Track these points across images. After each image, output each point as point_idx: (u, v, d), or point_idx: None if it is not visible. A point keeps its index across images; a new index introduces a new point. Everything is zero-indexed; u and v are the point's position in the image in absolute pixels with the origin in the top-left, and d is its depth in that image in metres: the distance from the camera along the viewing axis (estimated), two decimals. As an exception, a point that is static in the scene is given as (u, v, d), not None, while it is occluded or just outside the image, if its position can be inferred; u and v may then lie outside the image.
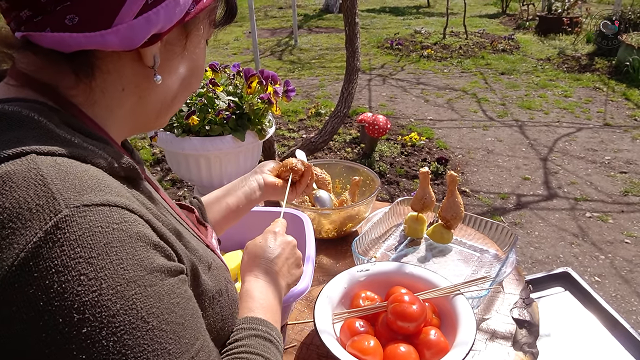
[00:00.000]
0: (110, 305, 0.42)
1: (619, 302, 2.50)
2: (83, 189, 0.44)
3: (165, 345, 0.45)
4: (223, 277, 0.65)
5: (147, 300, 0.44)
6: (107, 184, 0.47)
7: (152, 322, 0.44)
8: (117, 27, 0.49)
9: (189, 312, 0.49)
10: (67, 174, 0.44)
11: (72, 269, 0.41)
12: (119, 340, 0.42)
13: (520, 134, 4.55)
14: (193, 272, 0.56)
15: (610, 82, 5.83)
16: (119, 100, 0.56)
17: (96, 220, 0.43)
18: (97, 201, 0.44)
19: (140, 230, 0.46)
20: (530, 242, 3.02)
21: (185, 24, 0.56)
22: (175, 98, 0.62)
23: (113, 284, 0.42)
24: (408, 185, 3.60)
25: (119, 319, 0.42)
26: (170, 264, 0.49)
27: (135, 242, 0.45)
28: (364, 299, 1.07)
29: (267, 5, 12.10)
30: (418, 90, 5.81)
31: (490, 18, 9.94)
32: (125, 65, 0.54)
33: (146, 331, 0.43)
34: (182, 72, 0.60)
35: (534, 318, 1.09)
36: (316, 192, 1.43)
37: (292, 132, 4.54)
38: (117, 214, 0.45)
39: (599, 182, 3.69)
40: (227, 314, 0.64)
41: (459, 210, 1.31)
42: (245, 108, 1.31)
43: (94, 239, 0.42)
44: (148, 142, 4.38)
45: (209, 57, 7.28)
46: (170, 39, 0.56)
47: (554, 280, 1.43)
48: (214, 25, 0.63)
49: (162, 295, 0.46)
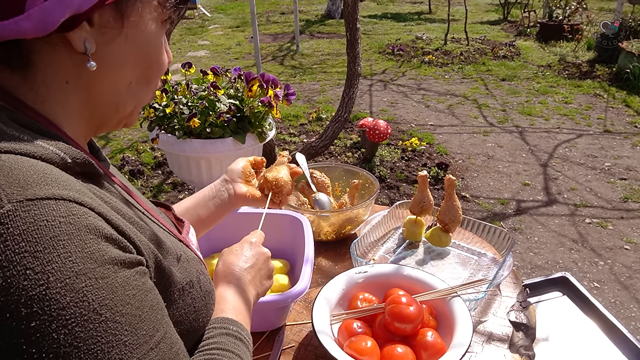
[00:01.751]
0: (60, 298, 0.41)
1: (617, 308, 2.50)
2: (27, 183, 0.43)
3: (120, 337, 0.44)
4: (195, 269, 0.65)
5: (98, 292, 0.43)
6: (55, 177, 0.46)
7: (105, 314, 0.43)
8: (29, 12, 0.48)
9: (146, 304, 0.49)
10: (12, 169, 0.44)
11: (17, 264, 0.40)
12: (70, 332, 0.41)
13: (521, 140, 4.56)
14: (156, 264, 0.55)
15: (610, 89, 5.84)
16: (67, 94, 0.55)
17: (41, 214, 0.42)
18: (42, 195, 0.43)
19: (90, 223, 0.45)
20: (530, 247, 3.02)
21: (117, 4, 0.53)
22: (130, 85, 0.59)
23: (61, 277, 0.41)
24: (408, 190, 3.61)
25: (69, 312, 0.41)
26: (126, 255, 0.48)
27: (84, 235, 0.44)
28: (362, 301, 1.07)
29: (269, 10, 12.16)
30: (419, 95, 5.83)
31: (492, 25, 9.98)
32: (60, 56, 0.53)
33: (99, 323, 0.43)
34: (128, 57, 0.57)
35: (530, 321, 1.10)
36: (315, 195, 1.44)
37: (293, 137, 4.56)
38: (64, 207, 0.44)
39: (599, 188, 3.70)
40: (199, 305, 0.64)
41: (457, 214, 1.32)
42: (246, 111, 1.32)
43: (39, 233, 0.41)
44: (149, 145, 4.40)
45: (210, 61, 7.31)
46: (102, 22, 0.53)
47: (552, 284, 1.44)
48: (162, 5, 0.59)
49: (116, 287, 0.45)
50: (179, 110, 1.32)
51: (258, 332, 1.07)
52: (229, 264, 0.79)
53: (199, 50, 8.26)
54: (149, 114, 1.33)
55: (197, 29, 10.03)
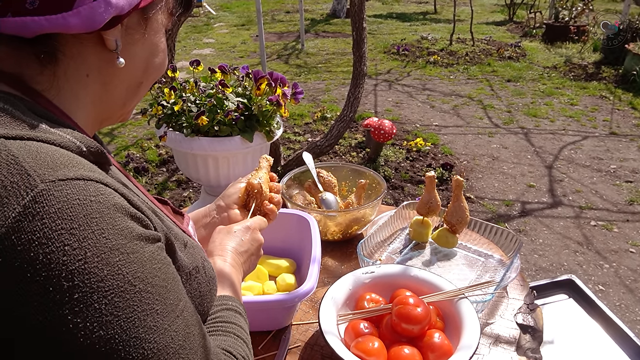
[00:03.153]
0: (98, 272, 0.43)
1: (623, 312, 2.49)
2: (56, 165, 0.45)
3: (152, 306, 0.47)
4: (199, 255, 0.68)
5: (131, 265, 0.46)
6: (79, 161, 0.48)
7: (138, 285, 0.46)
8: (78, 9, 0.50)
9: (170, 276, 0.52)
10: (38, 153, 0.46)
11: (55, 240, 0.42)
12: (110, 302, 0.44)
13: (526, 142, 4.55)
14: (168, 246, 0.58)
15: (616, 91, 5.82)
16: (84, 87, 0.57)
17: (73, 193, 0.44)
18: (72, 175, 0.45)
19: (117, 202, 0.47)
20: (535, 249, 3.01)
21: (144, 9, 0.58)
22: (140, 85, 0.64)
23: (97, 252, 0.44)
24: (413, 190, 3.61)
25: (107, 284, 0.44)
26: (149, 232, 0.51)
27: (113, 213, 0.46)
28: (369, 301, 1.07)
29: (274, 9, 12.16)
30: (424, 96, 5.82)
31: (497, 25, 9.95)
32: (88, 50, 0.55)
33: (134, 293, 0.46)
34: (143, 58, 0.62)
35: (537, 323, 1.09)
36: (322, 195, 1.44)
37: (297, 136, 4.56)
38: (93, 187, 0.46)
39: (604, 190, 3.68)
40: (205, 290, 0.67)
41: (464, 215, 1.32)
42: (254, 109, 1.32)
43: (73, 211, 0.43)
44: (154, 142, 4.40)
45: (215, 59, 7.32)
46: (130, 24, 0.57)
47: (558, 287, 1.43)
48: (171, 13, 0.64)
49: (144, 261, 0.48)
50: (187, 108, 1.32)
51: (264, 332, 1.07)
52: (225, 243, 0.82)
53: (204, 48, 8.26)
54: (157, 111, 1.33)
55: (202, 27, 10.04)
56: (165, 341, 0.48)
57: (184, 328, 0.51)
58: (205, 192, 1.52)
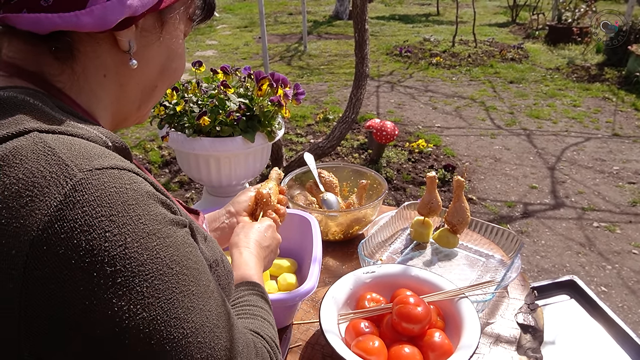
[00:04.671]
0: (137, 257, 0.45)
1: (625, 313, 2.48)
2: (91, 155, 0.47)
3: (189, 287, 0.49)
4: (218, 249, 0.70)
5: (167, 249, 0.48)
6: (110, 152, 0.50)
7: (175, 267, 0.48)
8: (91, 7, 0.51)
9: (200, 259, 0.53)
10: (72, 144, 0.47)
11: (96, 227, 0.43)
12: (151, 285, 0.45)
13: (528, 143, 4.54)
14: (191, 234, 0.59)
15: (619, 93, 5.81)
16: (103, 87, 0.59)
17: (110, 182, 0.46)
18: (107, 165, 0.47)
19: (149, 190, 0.49)
20: (537, 250, 3.01)
21: (161, 12, 0.59)
22: (155, 88, 0.65)
23: (136, 237, 0.45)
24: (415, 191, 3.61)
25: (147, 267, 0.45)
26: (178, 217, 0.53)
27: (147, 200, 0.48)
28: (370, 301, 1.07)
29: (277, 11, 12.18)
30: (426, 97, 5.82)
31: (500, 27, 9.94)
32: (103, 50, 0.56)
33: (172, 276, 0.48)
34: (159, 61, 0.63)
35: (538, 323, 1.10)
36: (323, 195, 1.44)
37: (300, 137, 4.57)
38: (127, 176, 0.48)
39: (607, 192, 3.68)
40: (224, 283, 0.68)
41: (465, 215, 1.32)
42: (256, 110, 1.33)
43: (112, 199, 0.45)
44: (157, 144, 4.42)
45: (218, 61, 7.34)
46: (145, 26, 0.58)
47: (559, 288, 1.43)
48: (191, 19, 0.65)
49: (178, 245, 0.50)
50: (189, 109, 1.33)
51: (265, 331, 1.07)
52: (250, 236, 0.87)
53: (207, 49, 8.29)
54: (159, 111, 1.34)
55: (205, 29, 10.07)
56: (201, 320, 0.50)
57: (216, 308, 0.53)
58: (207, 193, 1.53)
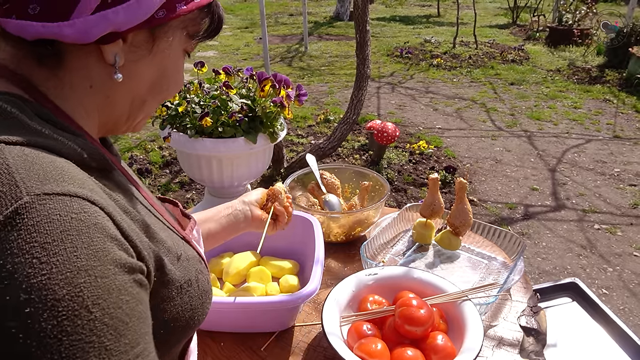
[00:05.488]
0: (57, 290, 0.42)
1: (627, 316, 2.48)
2: (46, 178, 0.46)
3: (103, 340, 0.44)
4: (194, 268, 0.67)
5: (95, 290, 0.44)
6: (72, 175, 0.48)
7: (95, 312, 0.44)
8: (74, 20, 0.51)
9: (135, 314, 0.48)
10: (33, 164, 0.46)
11: (25, 252, 0.42)
12: (58, 324, 0.42)
13: (529, 145, 4.54)
14: (157, 264, 0.57)
15: (620, 95, 5.81)
16: (89, 97, 0.59)
17: (55, 209, 0.44)
18: (59, 190, 0.46)
19: (99, 222, 0.47)
20: (538, 252, 3.01)
21: (153, 29, 0.58)
22: (145, 103, 0.64)
23: (63, 270, 0.43)
24: (416, 193, 3.61)
25: (62, 304, 0.42)
26: (128, 259, 0.49)
27: (92, 233, 0.46)
28: (372, 303, 1.07)
29: (277, 11, 12.19)
30: (427, 98, 5.82)
31: (501, 28, 9.95)
32: (91, 62, 0.57)
33: (87, 320, 0.43)
34: (149, 77, 0.62)
35: (541, 326, 1.09)
36: (325, 196, 1.44)
37: (301, 138, 4.56)
38: (77, 204, 0.46)
39: (608, 194, 3.67)
40: (196, 304, 0.66)
41: (467, 217, 1.32)
42: (258, 111, 1.32)
43: (51, 226, 0.44)
44: (157, 144, 4.42)
45: (219, 62, 7.34)
46: (136, 42, 0.58)
47: (561, 290, 1.43)
48: (192, 37, 0.64)
49: (112, 289, 0.46)
50: (192, 109, 1.32)
51: (267, 332, 1.07)
52: None
53: (207, 50, 8.29)
54: (161, 112, 1.33)
55: (206, 30, 10.06)
56: None
57: None
58: (208, 194, 1.52)
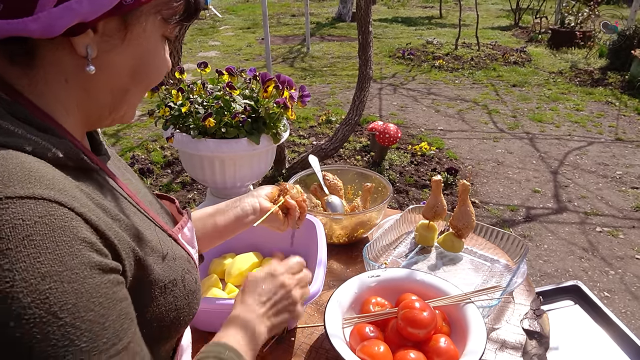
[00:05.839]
0: (22, 298, 0.41)
1: (628, 319, 2.47)
2: (10, 181, 0.44)
3: (77, 342, 0.44)
4: (180, 267, 0.66)
5: (62, 296, 0.43)
6: (40, 176, 0.46)
7: (65, 318, 0.43)
8: (38, 14, 0.50)
9: (114, 313, 0.48)
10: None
11: None
12: (27, 332, 0.41)
13: (531, 147, 4.53)
14: (137, 261, 0.56)
15: (622, 97, 5.80)
16: (65, 92, 0.57)
17: (17, 213, 0.43)
18: (22, 194, 0.44)
19: (66, 225, 0.45)
20: (539, 255, 3.00)
21: (124, 16, 0.55)
22: (128, 92, 0.62)
23: (27, 277, 0.41)
24: (417, 194, 3.60)
25: (29, 312, 0.41)
26: (101, 260, 0.48)
27: (58, 236, 0.44)
28: (374, 305, 1.07)
29: (279, 12, 12.20)
30: (429, 100, 5.82)
31: (503, 30, 9.94)
32: (62, 55, 0.55)
33: (57, 327, 0.42)
34: (127, 65, 0.59)
35: (544, 329, 1.09)
36: (328, 198, 1.44)
37: (302, 139, 4.56)
38: (42, 207, 0.44)
39: (610, 196, 3.67)
40: (182, 304, 0.65)
41: (470, 220, 1.31)
42: (261, 112, 1.32)
43: (13, 232, 0.42)
44: (159, 144, 4.42)
45: (221, 62, 7.34)
46: (107, 31, 0.55)
47: (563, 293, 1.42)
48: (168, 20, 0.60)
49: (82, 293, 0.45)
50: (195, 110, 1.32)
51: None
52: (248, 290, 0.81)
53: (209, 50, 8.30)
54: (164, 112, 1.33)
55: (208, 30, 10.08)
56: None
57: None
58: (211, 194, 1.52)
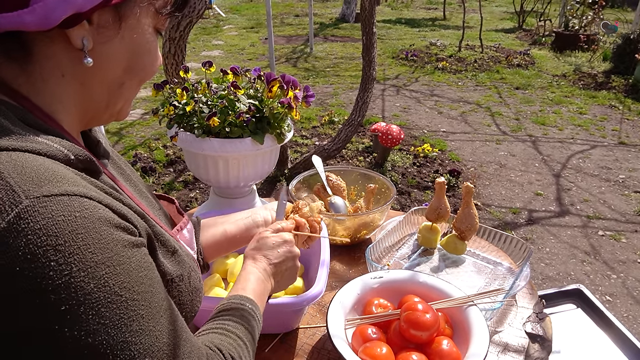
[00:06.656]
0: (84, 286, 0.45)
1: (630, 323, 2.47)
2: (41, 180, 0.46)
3: (138, 311, 0.49)
4: (188, 265, 0.69)
5: (117, 277, 0.48)
6: (63, 175, 0.48)
7: (124, 294, 0.48)
8: (33, 6, 0.50)
9: (154, 279, 0.54)
10: (24, 167, 0.46)
11: (41, 257, 0.43)
12: (97, 313, 0.46)
13: (534, 149, 4.53)
14: (150, 248, 0.59)
15: (626, 101, 5.79)
16: (62, 88, 0.57)
17: (58, 210, 0.45)
18: (56, 192, 0.46)
19: (101, 215, 0.49)
20: (541, 258, 3.00)
21: (118, 7, 0.56)
22: (122, 85, 0.62)
23: (83, 267, 0.45)
24: (419, 196, 3.60)
25: (94, 296, 0.46)
26: (133, 238, 0.53)
27: (99, 227, 0.48)
28: (377, 306, 1.07)
29: (283, 12, 12.20)
30: (432, 101, 5.81)
31: (506, 33, 9.93)
32: (58, 49, 0.55)
33: (120, 303, 0.48)
34: (122, 57, 0.59)
35: (546, 333, 1.09)
36: (331, 199, 1.44)
37: (305, 139, 4.56)
38: (77, 202, 0.47)
39: (613, 200, 3.66)
40: (186, 299, 0.68)
41: (473, 222, 1.31)
42: (266, 112, 1.32)
43: (58, 228, 0.44)
44: (162, 143, 4.42)
45: (224, 61, 7.35)
46: (102, 22, 0.55)
47: (565, 296, 1.42)
48: (160, 11, 0.61)
49: (131, 270, 0.50)
50: (199, 109, 1.32)
51: (272, 334, 1.06)
52: (261, 250, 0.86)
53: (213, 50, 8.30)
54: (168, 111, 1.33)
55: (212, 29, 10.09)
56: (150, 341, 0.50)
57: (167, 325, 0.53)
58: (214, 193, 1.52)
